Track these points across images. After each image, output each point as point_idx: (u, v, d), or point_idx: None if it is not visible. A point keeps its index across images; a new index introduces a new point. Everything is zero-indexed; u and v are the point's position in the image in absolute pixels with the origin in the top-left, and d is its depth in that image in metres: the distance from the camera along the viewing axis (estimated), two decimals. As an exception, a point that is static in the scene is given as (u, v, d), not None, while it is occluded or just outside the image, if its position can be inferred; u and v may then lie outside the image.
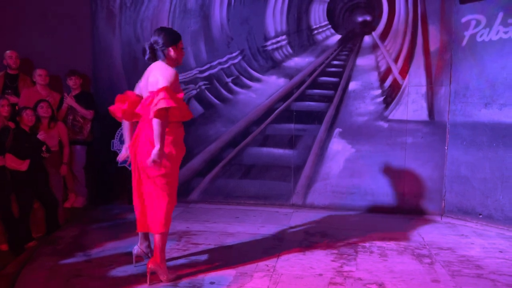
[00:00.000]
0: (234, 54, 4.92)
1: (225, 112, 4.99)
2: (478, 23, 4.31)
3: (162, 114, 2.65)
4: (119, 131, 4.84)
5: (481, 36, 4.29)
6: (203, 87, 5.00)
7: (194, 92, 5.00)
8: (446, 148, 4.59)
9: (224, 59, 4.94)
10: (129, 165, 3.25)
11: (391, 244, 3.69)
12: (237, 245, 3.62)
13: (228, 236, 3.86)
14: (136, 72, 5.14)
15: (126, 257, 3.29)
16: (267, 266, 3.16)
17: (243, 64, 4.93)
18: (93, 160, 5.10)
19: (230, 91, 4.98)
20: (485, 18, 4.26)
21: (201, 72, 5.00)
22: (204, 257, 3.34)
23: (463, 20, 4.41)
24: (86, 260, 3.28)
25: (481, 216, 4.34)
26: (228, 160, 5.00)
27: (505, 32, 4.12)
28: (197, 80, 5.01)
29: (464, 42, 4.41)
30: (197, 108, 4.99)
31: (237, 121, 4.97)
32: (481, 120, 4.32)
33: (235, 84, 4.96)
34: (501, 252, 3.52)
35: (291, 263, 3.22)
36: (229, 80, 4.96)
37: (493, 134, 4.24)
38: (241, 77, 4.95)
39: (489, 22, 4.23)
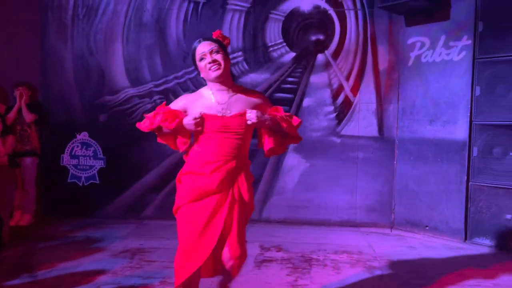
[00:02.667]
0: (190, 69, 4.92)
1: (181, 127, 4.96)
2: (422, 45, 4.57)
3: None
4: (70, 145, 4.70)
5: (425, 57, 4.55)
6: (158, 101, 4.95)
7: (149, 106, 4.94)
8: (395, 163, 4.79)
9: (181, 73, 4.94)
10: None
11: (344, 257, 3.78)
12: (192, 262, 3.57)
13: (183, 253, 3.79)
14: (89, 85, 5.03)
15: (75, 278, 3.16)
16: (223, 282, 3.14)
17: (199, 78, 4.87)
18: (42, 175, 4.90)
19: (186, 106, 4.96)
20: (429, 40, 4.52)
21: (157, 86, 4.96)
22: (158, 274, 3.27)
23: (409, 41, 4.66)
24: (32, 282, 3.12)
25: (427, 228, 4.54)
26: (183, 175, 4.95)
27: (447, 54, 4.40)
28: (153, 94, 4.97)
29: (410, 63, 4.66)
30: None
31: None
32: (426, 136, 4.55)
33: (193, 99, 4.95)
34: (447, 262, 3.70)
35: (246, 279, 3.21)
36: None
37: (438, 149, 4.47)
38: (197, 92, 4.94)
39: (432, 44, 4.50)
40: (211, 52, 2.23)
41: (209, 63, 2.21)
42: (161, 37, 4.95)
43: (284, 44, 4.93)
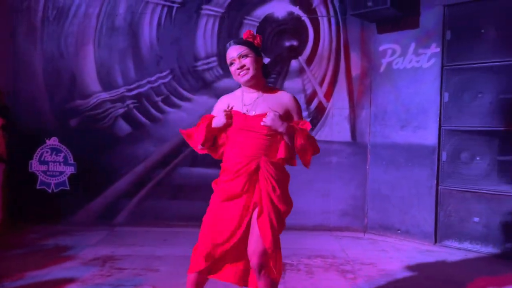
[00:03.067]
0: (164, 73, 4.89)
1: (154, 132, 4.91)
2: (394, 52, 4.67)
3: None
4: (39, 151, 4.58)
5: (396, 63, 4.65)
6: (131, 105, 4.89)
7: (122, 110, 4.87)
8: (367, 167, 4.86)
9: (154, 77, 4.89)
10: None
11: (318, 261, 3.80)
12: (164, 269, 3.52)
13: (155, 260, 3.75)
14: (59, 88, 4.93)
15: (44, 287, 3.07)
16: (195, 288, 3.11)
17: (173, 83, 4.91)
18: (10, 181, 4.75)
19: (160, 110, 4.91)
20: (400, 48, 4.63)
21: (129, 90, 4.90)
22: (129, 282, 3.21)
23: (381, 48, 4.76)
24: (-4, 292, 3.02)
25: (399, 231, 4.62)
26: (157, 181, 4.90)
27: (417, 61, 4.51)
28: (125, 98, 4.90)
29: (382, 69, 4.76)
30: (124, 127, 4.87)
31: (167, 140, 4.90)
32: (398, 141, 4.64)
33: (165, 103, 4.91)
34: (417, 265, 3.76)
35: (218, 286, 3.19)
36: (158, 99, 4.90)
37: (409, 154, 4.57)
38: (171, 96, 4.91)
39: (403, 51, 4.60)
40: (239, 57, 2.23)
41: (238, 68, 2.23)
42: (134, 41, 4.90)
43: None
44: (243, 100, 2.28)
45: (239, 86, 2.41)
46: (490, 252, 4.04)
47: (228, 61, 2.28)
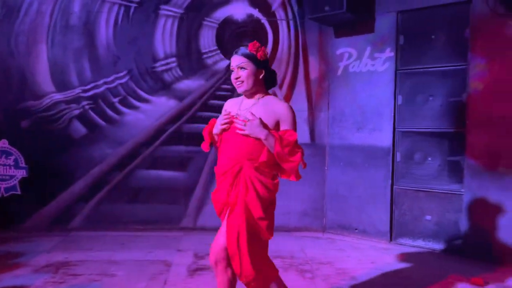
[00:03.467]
0: (121, 74, 4.78)
1: (111, 134, 4.79)
2: (350, 55, 4.80)
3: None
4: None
5: (353, 67, 4.77)
6: (86, 107, 4.75)
7: (77, 112, 4.72)
8: (326, 168, 4.95)
9: (111, 78, 4.78)
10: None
11: (277, 261, 3.82)
12: (121, 274, 3.44)
13: (112, 265, 3.65)
14: (9, 89, 4.71)
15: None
16: (153, 293, 3.06)
17: (131, 84, 4.81)
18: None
19: (117, 111, 4.80)
20: (356, 52, 4.76)
21: (85, 91, 4.76)
22: (84, 288, 3.12)
23: (338, 52, 4.87)
24: None
25: (357, 230, 4.74)
26: (114, 184, 4.78)
27: (372, 65, 4.65)
28: (80, 99, 4.76)
29: (339, 72, 4.87)
30: (80, 129, 4.73)
31: (125, 142, 4.80)
32: (355, 143, 4.76)
33: (123, 105, 4.81)
34: (373, 263, 3.87)
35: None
36: (116, 100, 4.79)
37: (365, 155, 4.69)
38: (128, 97, 4.81)
39: (359, 55, 4.73)
40: (238, 67, 2.32)
41: (234, 78, 2.34)
42: (90, 41, 4.77)
43: (219, 51, 4.95)
44: (241, 105, 2.38)
45: (198, 86, 2.42)
46: (441, 249, 4.22)
47: (230, 68, 2.38)
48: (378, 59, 4.60)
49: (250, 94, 2.36)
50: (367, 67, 4.69)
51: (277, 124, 2.29)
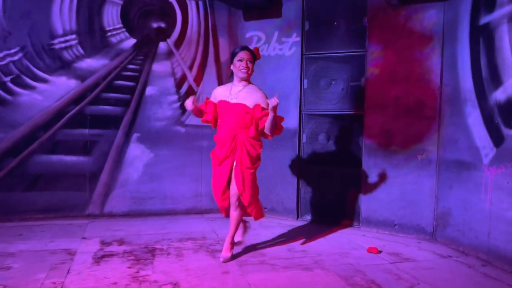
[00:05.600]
0: (13, 51, 4.36)
1: (3, 116, 4.37)
2: (259, 39, 4.88)
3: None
4: None
5: (262, 51, 4.86)
6: (-27, 86, 4.27)
7: (-39, 91, 4.22)
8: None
9: (1, 55, 4.33)
10: None
11: (188, 244, 3.84)
12: (18, 266, 3.20)
13: (8, 257, 3.37)
14: None
15: None
16: (55, 283, 2.89)
17: (25, 62, 4.41)
18: None
19: (9, 91, 4.38)
20: (264, 35, 4.85)
21: (-30, 68, 4.26)
22: (-27, 285, 2.84)
23: (247, 35, 4.93)
24: None
25: (266, 209, 4.90)
26: (8, 171, 4.39)
27: (280, 49, 4.78)
28: (-35, 78, 4.25)
29: (249, 55, 4.92)
30: (-35, 110, 4.24)
31: (19, 125, 4.41)
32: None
33: (16, 84, 4.40)
34: (280, 239, 4.05)
35: (83, 277, 3.02)
36: (7, 79, 4.36)
37: (274, 137, 4.83)
38: (22, 76, 4.41)
39: (268, 39, 4.84)
40: (248, 60, 3.33)
41: (244, 66, 3.31)
42: (-25, 12, 4.26)
43: (124, 29, 4.72)
44: (231, 91, 3.37)
45: (101, 66, 2.28)
46: (342, 223, 4.54)
47: (238, 58, 3.32)
48: (285, 43, 4.74)
49: (242, 80, 3.35)
50: (275, 51, 4.81)
51: (255, 103, 3.31)
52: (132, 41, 4.75)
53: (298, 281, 3.05)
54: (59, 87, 4.53)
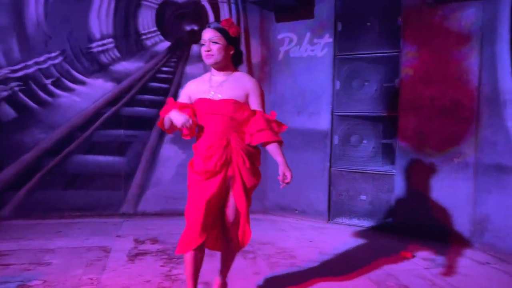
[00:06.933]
0: (53, 54, 4.53)
1: (44, 117, 4.55)
2: (291, 40, 4.87)
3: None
4: None
5: (293, 52, 4.86)
6: (16, 88, 4.46)
7: (5, 93, 4.42)
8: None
9: (42, 58, 4.51)
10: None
11: (219, 244, 3.87)
12: (57, 262, 3.32)
13: (47, 253, 3.51)
14: None
15: None
16: (91, 279, 2.98)
17: (64, 65, 4.57)
18: None
19: (49, 93, 4.56)
20: (296, 37, 4.84)
21: (14, 71, 4.46)
22: (15, 278, 2.97)
23: (279, 37, 4.93)
24: None
25: (296, 211, 4.89)
26: (48, 170, 4.56)
27: (312, 50, 4.76)
28: (9, 80, 4.45)
29: (280, 57, 4.94)
30: (9, 112, 4.45)
31: (58, 126, 4.58)
32: (295, 126, 4.87)
33: (56, 86, 4.57)
34: (311, 241, 4.03)
35: (118, 273, 3.10)
36: (48, 81, 4.54)
37: (304, 138, 4.82)
38: (62, 79, 4.58)
39: (299, 40, 4.82)
40: (210, 41, 2.37)
41: (205, 51, 2.38)
42: (18, 18, 4.45)
43: (158, 32, 4.83)
44: (210, 83, 2.45)
45: (136, 69, 2.35)
46: (374, 226, 4.47)
47: (201, 43, 2.40)
48: (317, 44, 4.71)
49: (218, 68, 2.43)
50: (307, 52, 4.79)
51: (246, 97, 2.42)
52: (166, 44, 4.84)
53: (328, 284, 3.02)
54: (96, 89, 4.67)
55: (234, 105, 2.39)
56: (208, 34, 2.38)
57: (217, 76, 2.45)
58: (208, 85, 2.44)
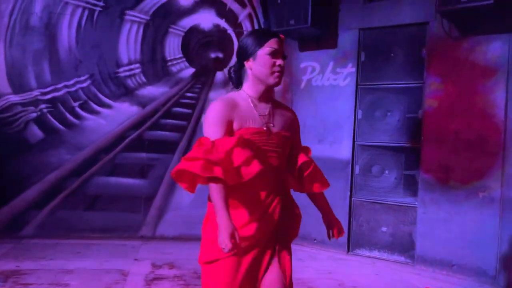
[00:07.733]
0: (82, 78, 4.68)
1: (70, 138, 4.66)
2: (313, 69, 4.91)
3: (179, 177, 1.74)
4: None
5: (316, 81, 4.89)
6: (45, 110, 4.60)
7: (34, 115, 4.57)
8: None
9: (71, 82, 4.66)
10: None
11: (236, 272, 3.83)
12: (75, 283, 3.34)
13: (66, 274, 3.54)
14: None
15: None
16: (108, 303, 2.99)
17: (92, 89, 4.71)
18: None
19: (76, 116, 4.68)
20: (319, 66, 4.88)
21: (44, 94, 4.61)
22: (34, 299, 3.00)
23: (302, 65, 4.98)
24: None
25: (315, 241, 4.81)
26: (71, 191, 4.65)
27: (334, 79, 4.78)
28: (38, 102, 4.61)
29: (303, 85, 4.97)
30: (37, 133, 4.58)
31: (84, 148, 4.68)
32: (316, 154, 4.71)
33: (83, 109, 4.70)
34: (330, 273, 3.95)
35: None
36: (76, 104, 4.67)
37: (325, 166, 4.70)
38: (89, 102, 4.71)
39: (322, 69, 4.86)
40: (283, 56, 1.79)
41: (279, 66, 1.75)
42: (51, 43, 4.64)
43: (184, 59, 4.94)
44: (257, 109, 1.79)
45: (161, 94, 2.34)
46: (395, 259, 4.35)
47: (270, 49, 1.74)
48: (340, 74, 4.74)
49: (268, 92, 1.81)
50: (329, 81, 4.81)
51: (291, 131, 1.89)
52: (191, 70, 4.95)
53: (348, 319, 2.94)
54: (121, 113, 4.78)
55: (288, 140, 1.83)
56: (281, 46, 1.77)
57: (262, 102, 1.81)
58: (256, 112, 1.79)
